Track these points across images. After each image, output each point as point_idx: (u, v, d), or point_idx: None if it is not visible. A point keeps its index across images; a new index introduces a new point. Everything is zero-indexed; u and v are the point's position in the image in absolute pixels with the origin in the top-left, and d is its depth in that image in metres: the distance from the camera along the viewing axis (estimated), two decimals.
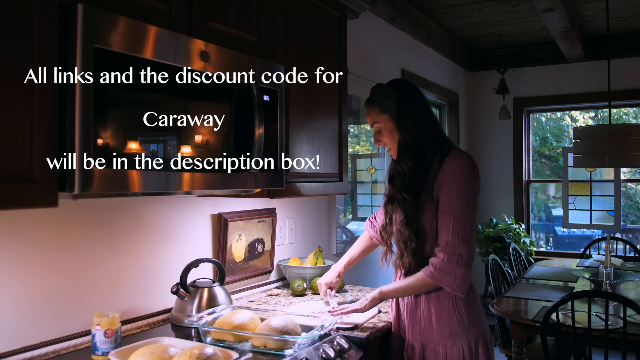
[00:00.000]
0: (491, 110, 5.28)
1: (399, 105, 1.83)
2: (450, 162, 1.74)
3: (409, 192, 1.77)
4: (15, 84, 1.13)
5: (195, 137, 1.52)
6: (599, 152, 3.32)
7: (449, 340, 1.75)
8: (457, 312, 1.76)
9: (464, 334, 1.75)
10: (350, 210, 3.47)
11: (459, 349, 1.74)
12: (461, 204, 1.69)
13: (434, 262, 1.72)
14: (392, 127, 1.84)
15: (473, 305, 1.79)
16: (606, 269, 2.82)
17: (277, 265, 2.61)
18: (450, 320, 1.75)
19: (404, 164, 1.80)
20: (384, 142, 1.88)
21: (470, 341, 1.75)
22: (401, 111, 1.82)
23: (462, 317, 1.76)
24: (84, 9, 1.20)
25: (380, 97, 1.86)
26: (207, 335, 1.64)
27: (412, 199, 1.76)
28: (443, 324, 1.76)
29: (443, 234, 1.71)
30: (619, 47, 4.71)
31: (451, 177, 1.71)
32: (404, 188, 1.78)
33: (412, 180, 1.78)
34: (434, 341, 1.77)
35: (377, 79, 3.59)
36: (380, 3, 3.52)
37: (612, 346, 2.40)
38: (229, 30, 1.76)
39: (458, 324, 1.75)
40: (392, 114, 1.84)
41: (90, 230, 1.72)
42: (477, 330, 1.78)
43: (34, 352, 1.53)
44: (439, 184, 1.73)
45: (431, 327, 1.77)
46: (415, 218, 1.76)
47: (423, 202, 1.76)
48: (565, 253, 5.19)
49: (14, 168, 1.13)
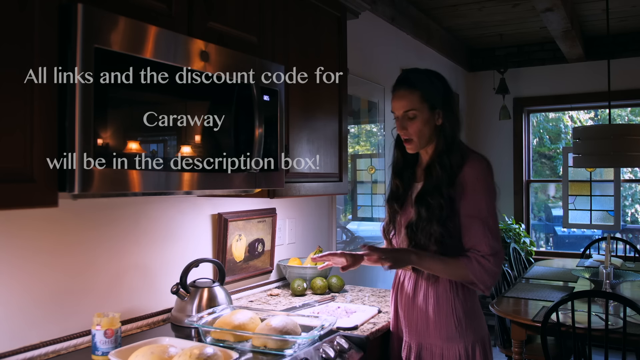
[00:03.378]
0: (491, 110, 5.28)
1: (444, 100, 1.74)
2: (473, 167, 1.70)
3: (442, 193, 1.69)
4: (15, 84, 1.13)
5: (195, 137, 1.52)
6: (599, 152, 3.32)
7: (445, 343, 1.72)
8: (454, 315, 1.73)
9: (461, 337, 1.72)
10: (350, 210, 3.47)
11: (456, 353, 1.72)
12: (492, 208, 1.69)
13: (482, 262, 1.65)
14: (428, 120, 1.72)
15: (471, 309, 1.76)
16: (606, 269, 2.82)
17: (277, 265, 2.61)
18: (447, 323, 1.72)
19: (442, 164, 1.71)
20: (410, 132, 1.73)
21: (467, 345, 1.72)
22: (447, 107, 1.73)
23: (459, 321, 1.73)
24: (83, 9, 1.20)
25: (424, 83, 1.73)
26: (207, 335, 1.64)
27: (446, 199, 1.69)
28: (440, 327, 1.73)
29: (483, 238, 1.66)
30: (619, 47, 4.71)
31: (478, 183, 1.69)
32: (438, 188, 1.69)
33: (446, 180, 1.70)
34: (431, 343, 1.75)
35: (377, 79, 3.59)
36: (380, 3, 3.52)
37: (612, 346, 2.40)
38: (229, 30, 1.76)
39: (455, 328, 1.72)
40: (432, 106, 1.72)
41: (90, 230, 1.72)
42: (475, 333, 1.74)
43: (34, 352, 1.53)
44: (462, 187, 1.68)
45: (428, 328, 1.75)
46: (450, 218, 1.70)
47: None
48: (565, 253, 5.19)
49: (14, 168, 1.13)
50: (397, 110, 1.76)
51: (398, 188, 1.85)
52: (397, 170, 1.87)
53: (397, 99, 1.76)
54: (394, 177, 1.87)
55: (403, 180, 1.85)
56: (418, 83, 1.73)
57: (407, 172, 1.86)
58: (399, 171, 1.87)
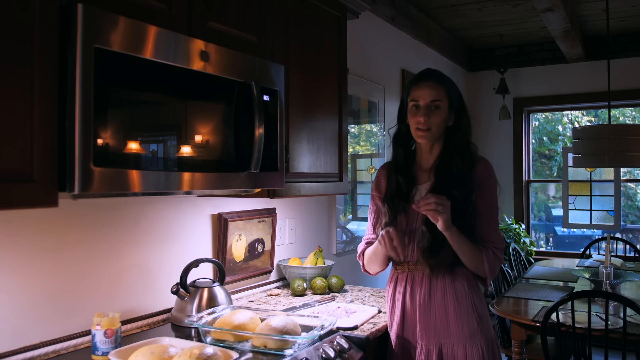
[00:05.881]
0: (491, 110, 5.28)
1: (460, 103, 1.83)
2: (486, 165, 1.82)
3: (464, 185, 1.75)
4: (15, 84, 1.13)
5: (195, 137, 1.52)
6: (599, 152, 3.32)
7: (468, 340, 1.74)
8: (475, 312, 1.76)
9: (482, 333, 1.75)
10: (350, 210, 3.47)
11: (479, 350, 1.73)
12: (496, 206, 1.82)
13: (497, 253, 1.76)
14: (446, 116, 1.79)
15: (484, 305, 1.82)
16: (606, 269, 2.82)
17: (277, 265, 2.61)
18: (469, 320, 1.75)
19: (457, 163, 1.77)
20: (431, 122, 1.75)
21: (488, 340, 1.76)
22: (462, 109, 1.82)
23: (480, 317, 1.76)
24: (84, 9, 1.20)
25: (448, 82, 1.82)
26: (207, 335, 1.64)
27: (465, 192, 1.75)
28: (462, 325, 1.74)
29: (496, 232, 1.79)
30: (619, 47, 4.71)
31: (492, 181, 1.81)
32: (455, 185, 1.74)
33: (462, 177, 1.76)
34: (452, 342, 1.75)
35: (377, 79, 3.59)
36: (380, 3, 3.52)
37: (612, 346, 2.40)
38: (229, 30, 1.76)
39: (477, 324, 1.75)
40: (450, 106, 1.79)
41: (91, 230, 1.72)
42: (491, 329, 1.81)
43: (34, 352, 1.53)
44: (478, 183, 1.77)
45: (448, 327, 1.75)
46: (468, 212, 1.76)
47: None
48: (565, 253, 5.18)
49: (14, 168, 1.13)
50: (423, 98, 1.77)
51: (400, 186, 1.83)
52: (399, 168, 1.86)
53: (426, 88, 1.78)
54: (396, 174, 1.85)
55: (406, 178, 1.84)
56: (445, 80, 1.82)
57: (407, 171, 1.86)
58: (401, 169, 1.86)
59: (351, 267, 3.23)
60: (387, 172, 1.91)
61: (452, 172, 1.76)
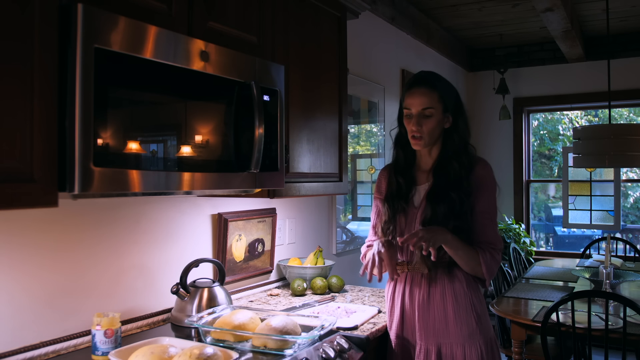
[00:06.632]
0: (491, 110, 5.28)
1: (456, 104, 1.81)
2: (485, 167, 1.82)
3: (461, 188, 1.76)
4: (15, 84, 1.13)
5: (195, 137, 1.52)
6: (599, 152, 3.32)
7: (467, 340, 1.74)
8: (474, 311, 1.76)
9: (481, 333, 1.76)
10: (350, 210, 3.47)
11: (477, 350, 1.74)
12: (495, 207, 1.82)
13: (495, 255, 1.76)
14: (440, 120, 1.78)
15: (484, 305, 1.83)
16: (606, 269, 2.82)
17: (277, 265, 2.61)
18: (468, 320, 1.75)
19: (460, 162, 1.78)
20: (423, 130, 1.76)
21: (486, 340, 1.77)
22: (459, 112, 1.81)
23: (479, 316, 1.77)
24: (84, 9, 1.20)
25: (442, 86, 1.80)
26: (207, 335, 1.64)
27: (463, 194, 1.75)
28: (461, 324, 1.75)
29: (495, 233, 1.79)
30: (619, 47, 4.71)
31: (490, 182, 1.80)
32: (458, 183, 1.76)
33: (459, 179, 1.77)
34: (451, 342, 1.75)
35: (377, 79, 3.59)
36: (380, 3, 3.52)
37: (612, 346, 2.40)
38: (229, 30, 1.76)
39: (476, 323, 1.75)
40: (445, 109, 1.78)
41: (90, 230, 1.72)
42: (490, 329, 1.81)
43: (34, 352, 1.53)
44: (477, 185, 1.77)
45: (447, 327, 1.76)
46: (466, 213, 1.77)
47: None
48: (565, 253, 5.19)
49: (14, 168, 1.13)
50: (414, 107, 1.78)
51: (400, 186, 1.86)
52: (399, 169, 1.88)
53: (417, 96, 1.78)
54: (395, 176, 1.88)
55: (405, 179, 1.86)
56: (437, 84, 1.79)
57: (407, 172, 1.88)
58: (401, 170, 1.88)
59: (351, 267, 3.23)
60: (387, 173, 1.94)
61: (450, 174, 1.78)
